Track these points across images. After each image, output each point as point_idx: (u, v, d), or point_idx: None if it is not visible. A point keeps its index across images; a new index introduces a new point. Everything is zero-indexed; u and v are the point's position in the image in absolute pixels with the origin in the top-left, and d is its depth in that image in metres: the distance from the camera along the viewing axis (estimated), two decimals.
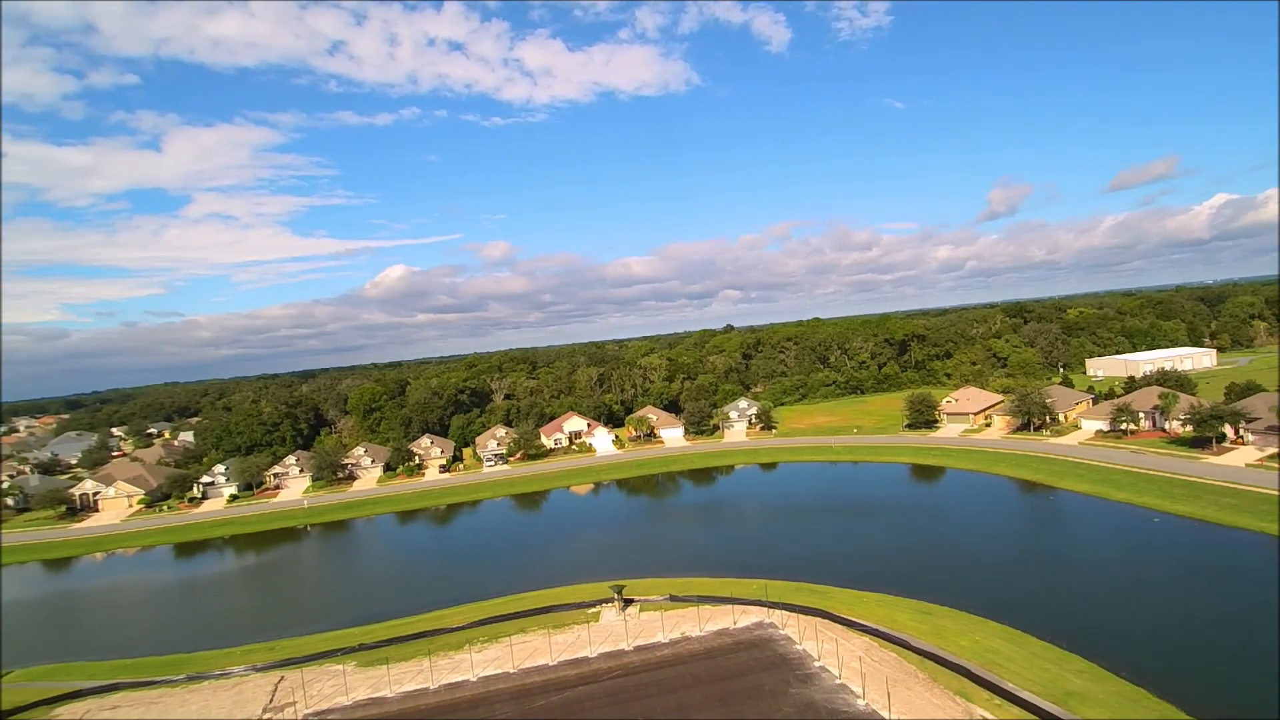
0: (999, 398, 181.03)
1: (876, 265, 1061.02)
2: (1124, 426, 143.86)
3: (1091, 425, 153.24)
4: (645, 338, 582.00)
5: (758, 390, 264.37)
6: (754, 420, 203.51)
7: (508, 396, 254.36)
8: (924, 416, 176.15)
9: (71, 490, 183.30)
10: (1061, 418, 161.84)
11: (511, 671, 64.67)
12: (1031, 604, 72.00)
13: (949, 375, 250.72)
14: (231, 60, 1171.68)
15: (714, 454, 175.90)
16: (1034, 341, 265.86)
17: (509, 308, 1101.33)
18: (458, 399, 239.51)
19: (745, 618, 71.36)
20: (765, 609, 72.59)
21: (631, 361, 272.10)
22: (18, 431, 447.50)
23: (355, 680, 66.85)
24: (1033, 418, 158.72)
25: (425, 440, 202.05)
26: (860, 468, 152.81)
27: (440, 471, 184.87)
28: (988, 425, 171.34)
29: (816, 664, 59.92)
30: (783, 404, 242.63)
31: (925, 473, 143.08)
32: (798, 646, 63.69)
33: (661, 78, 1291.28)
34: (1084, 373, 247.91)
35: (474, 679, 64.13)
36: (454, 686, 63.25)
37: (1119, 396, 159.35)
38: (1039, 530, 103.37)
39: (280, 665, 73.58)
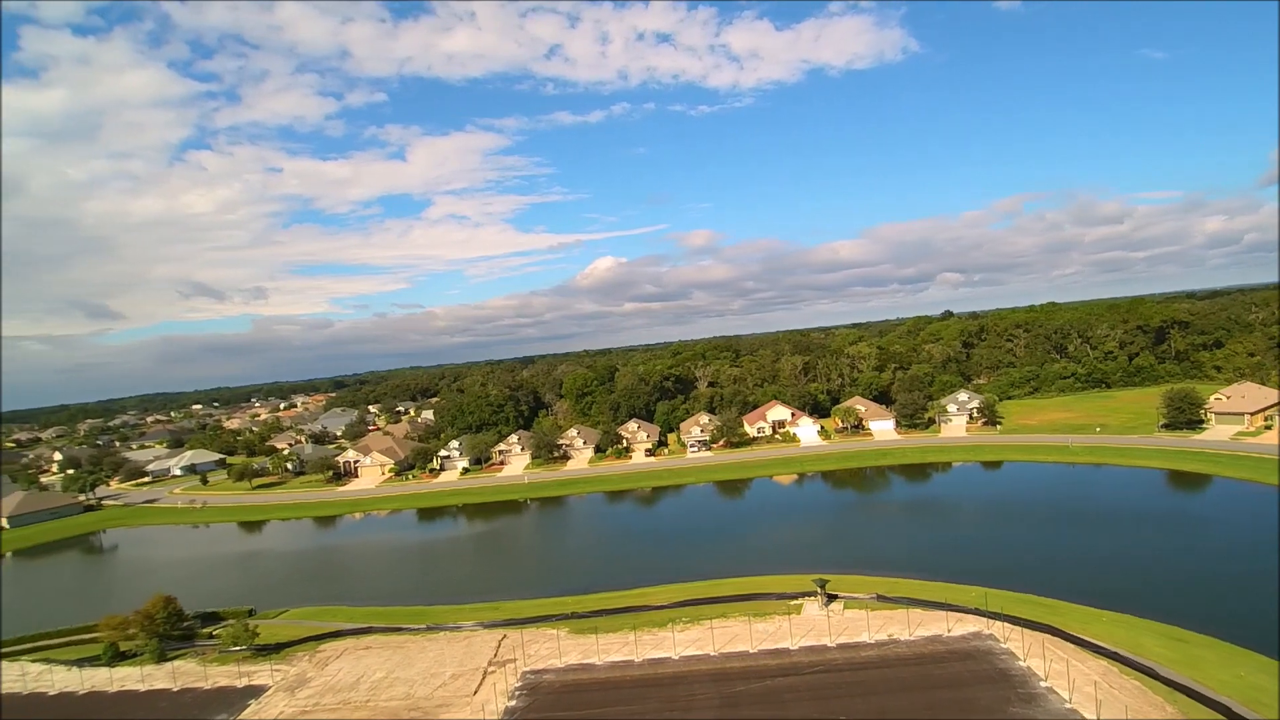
0: None
1: (1127, 241, 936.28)
2: None
3: None
4: (853, 325, 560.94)
5: (980, 382, 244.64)
6: (975, 414, 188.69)
7: (711, 384, 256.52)
8: (1185, 415, 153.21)
9: (337, 458, 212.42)
10: None
11: (712, 654, 65.51)
12: None
13: (1219, 368, 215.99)
14: (463, 72, 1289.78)
15: (929, 449, 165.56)
16: None
17: (712, 295, 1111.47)
18: (663, 385, 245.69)
19: (961, 626, 66.59)
20: (984, 619, 67.20)
21: (838, 350, 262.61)
22: (295, 407, 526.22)
23: (567, 645, 71.27)
24: None
25: (632, 424, 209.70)
26: (1102, 471, 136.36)
27: (646, 455, 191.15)
28: (1268, 428, 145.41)
29: (1042, 684, 54.53)
30: (1010, 398, 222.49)
31: (1184, 480, 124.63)
32: (1020, 663, 58.37)
33: (876, 48, 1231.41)
34: None
35: (675, 657, 65.80)
36: (656, 662, 65.32)
37: None
38: None
39: (503, 624, 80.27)
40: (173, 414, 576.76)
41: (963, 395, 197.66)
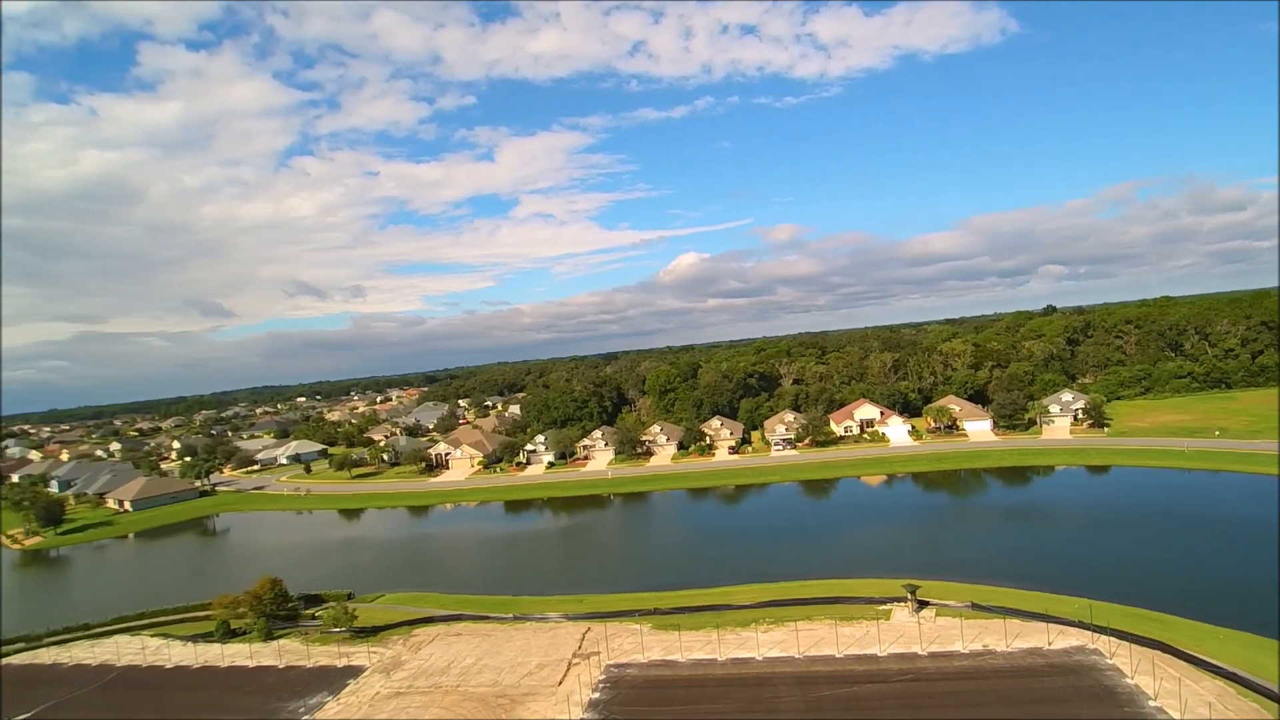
0: None
1: (1251, 229, 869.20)
2: None
3: None
4: (946, 321, 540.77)
5: (1086, 381, 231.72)
6: (1080, 416, 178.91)
7: (796, 381, 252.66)
8: None
9: (429, 450, 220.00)
10: None
11: (796, 657, 64.53)
12: None
13: None
14: (549, 73, 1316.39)
15: (1028, 451, 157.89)
16: None
17: (797, 291, 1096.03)
18: (746, 382, 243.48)
19: (1062, 639, 63.26)
20: (1088, 632, 63.59)
21: (931, 347, 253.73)
22: (390, 400, 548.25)
23: (650, 640, 71.64)
24: None
25: (715, 421, 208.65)
26: (1220, 478, 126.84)
27: (729, 453, 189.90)
28: None
29: (1151, 703, 51.26)
30: (1119, 398, 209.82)
31: None
32: (1128, 680, 55.01)
33: (972, 30, 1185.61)
34: None
35: (759, 658, 65.15)
36: (740, 662, 64.86)
37: None
38: None
39: (587, 617, 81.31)
40: (279, 406, 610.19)
41: (1066, 395, 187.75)
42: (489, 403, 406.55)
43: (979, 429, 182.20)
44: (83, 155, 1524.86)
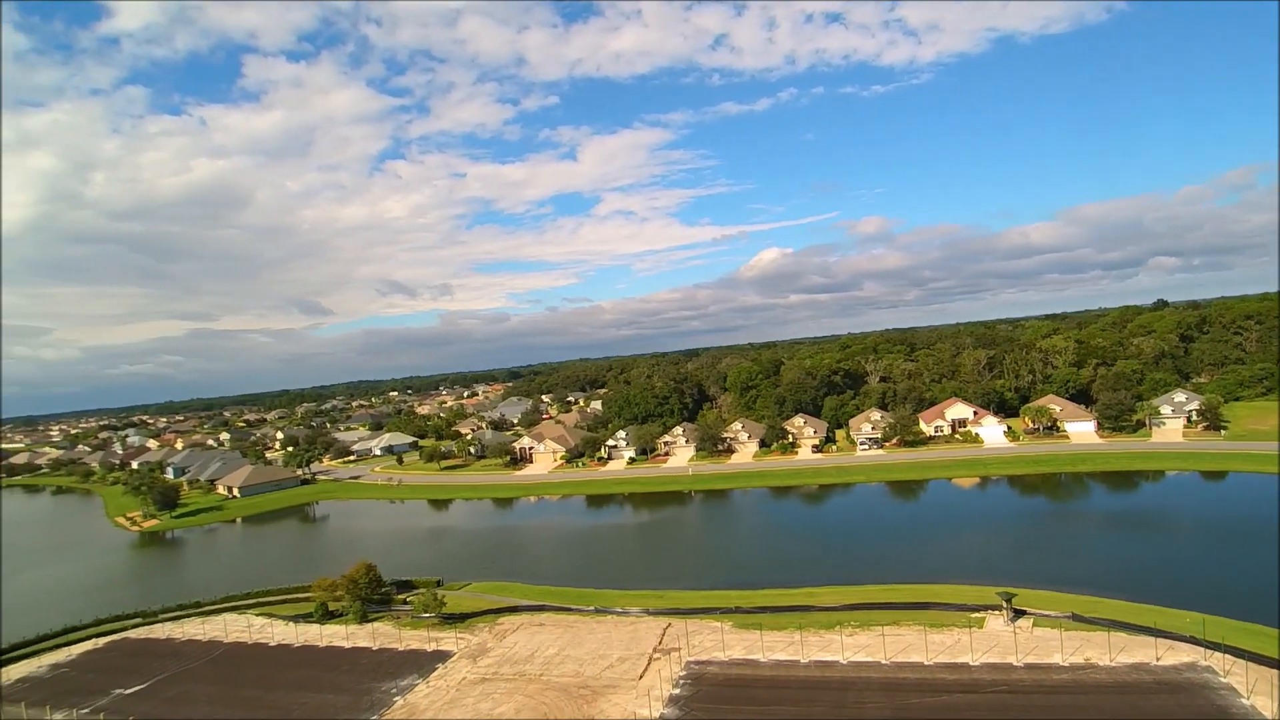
0: None
1: None
2: None
3: None
4: (1046, 316, 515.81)
5: (1201, 381, 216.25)
6: (1194, 417, 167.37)
7: (883, 379, 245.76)
8: None
9: (513, 444, 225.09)
10: None
11: (883, 662, 62.86)
12: None
13: None
14: (630, 70, 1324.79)
15: (1136, 455, 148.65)
16: None
17: (884, 286, 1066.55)
18: (831, 380, 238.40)
19: (1172, 655, 59.37)
20: (1201, 649, 59.42)
21: (1028, 344, 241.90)
22: (476, 395, 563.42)
23: (731, 639, 71.24)
24: None
25: (799, 419, 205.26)
26: None
27: (813, 451, 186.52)
28: None
29: None
30: (1237, 399, 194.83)
31: None
32: (1243, 700, 51.15)
33: (1074, 10, 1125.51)
34: None
35: (843, 661, 63.82)
36: (824, 665, 63.71)
37: None
38: None
39: (667, 613, 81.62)
40: (373, 400, 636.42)
41: (1179, 395, 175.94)
42: (571, 398, 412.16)
43: (1081, 430, 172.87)
44: (195, 163, 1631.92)
